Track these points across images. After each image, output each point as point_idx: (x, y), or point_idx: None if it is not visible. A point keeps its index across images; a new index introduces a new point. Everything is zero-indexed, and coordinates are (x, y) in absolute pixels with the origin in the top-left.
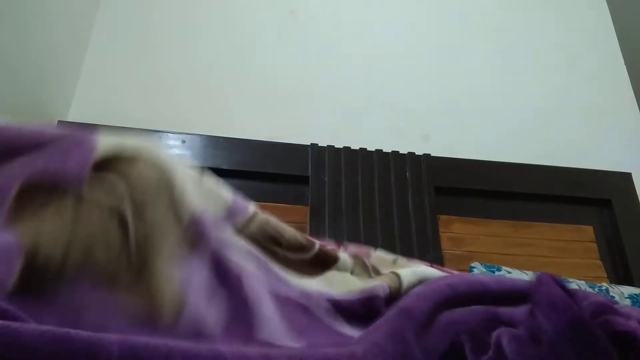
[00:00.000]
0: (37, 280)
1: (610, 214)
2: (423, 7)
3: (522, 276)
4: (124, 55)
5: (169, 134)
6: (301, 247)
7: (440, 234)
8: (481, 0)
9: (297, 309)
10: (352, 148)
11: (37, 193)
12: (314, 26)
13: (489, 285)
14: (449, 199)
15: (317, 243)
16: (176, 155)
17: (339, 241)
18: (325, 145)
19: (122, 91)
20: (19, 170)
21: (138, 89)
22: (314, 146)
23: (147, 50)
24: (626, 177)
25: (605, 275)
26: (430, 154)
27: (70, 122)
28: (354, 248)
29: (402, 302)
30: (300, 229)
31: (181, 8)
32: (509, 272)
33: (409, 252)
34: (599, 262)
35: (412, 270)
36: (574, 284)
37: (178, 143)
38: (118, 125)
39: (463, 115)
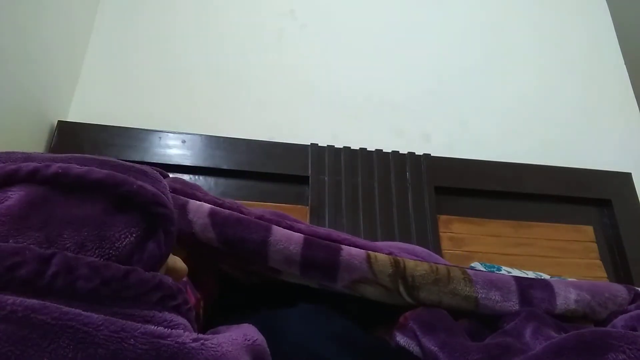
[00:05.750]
0: None
1: (610, 214)
2: (423, 7)
3: (523, 275)
4: (124, 55)
5: (169, 134)
6: None
7: (440, 234)
8: (480, 0)
9: None
10: (352, 148)
11: None
12: (314, 26)
13: None
14: (449, 199)
15: None
16: (175, 155)
17: None
18: (325, 145)
19: (122, 91)
20: None
21: (138, 89)
22: (314, 146)
23: (147, 50)
24: (626, 177)
25: (605, 275)
26: (430, 154)
27: (70, 122)
28: None
29: None
30: None
31: (181, 8)
32: (509, 272)
33: None
34: (599, 262)
35: None
36: None
37: (178, 143)
38: (118, 125)
39: (463, 115)
